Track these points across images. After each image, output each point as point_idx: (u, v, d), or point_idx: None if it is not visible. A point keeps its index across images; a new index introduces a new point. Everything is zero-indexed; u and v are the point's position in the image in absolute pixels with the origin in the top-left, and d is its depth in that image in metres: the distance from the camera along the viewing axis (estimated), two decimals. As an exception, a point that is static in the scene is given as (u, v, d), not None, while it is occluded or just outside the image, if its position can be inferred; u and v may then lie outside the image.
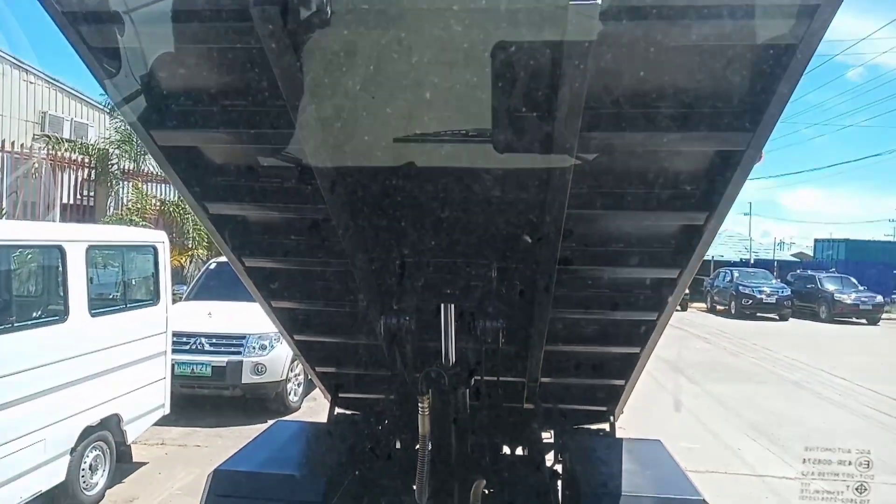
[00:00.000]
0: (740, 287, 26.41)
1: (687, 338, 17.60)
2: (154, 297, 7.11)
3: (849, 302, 25.53)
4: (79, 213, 14.96)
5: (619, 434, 4.42)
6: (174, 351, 7.41)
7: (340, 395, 4.58)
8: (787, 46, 2.25)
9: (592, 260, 3.34)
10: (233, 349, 8.28)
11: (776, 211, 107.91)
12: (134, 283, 7.35)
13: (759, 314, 25.51)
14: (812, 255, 39.79)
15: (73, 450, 5.60)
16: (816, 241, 40.26)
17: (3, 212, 12.56)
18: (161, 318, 7.06)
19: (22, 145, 14.07)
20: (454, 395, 3.51)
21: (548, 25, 2.24)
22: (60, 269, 5.79)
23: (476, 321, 3.45)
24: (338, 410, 4.61)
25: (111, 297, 7.03)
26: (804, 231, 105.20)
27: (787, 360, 14.78)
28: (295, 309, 4.00)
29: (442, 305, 3.41)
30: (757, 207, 59.25)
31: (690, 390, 11.10)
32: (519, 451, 4.44)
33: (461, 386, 3.54)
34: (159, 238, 7.44)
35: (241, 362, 8.21)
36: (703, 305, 28.73)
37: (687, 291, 18.88)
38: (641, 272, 3.45)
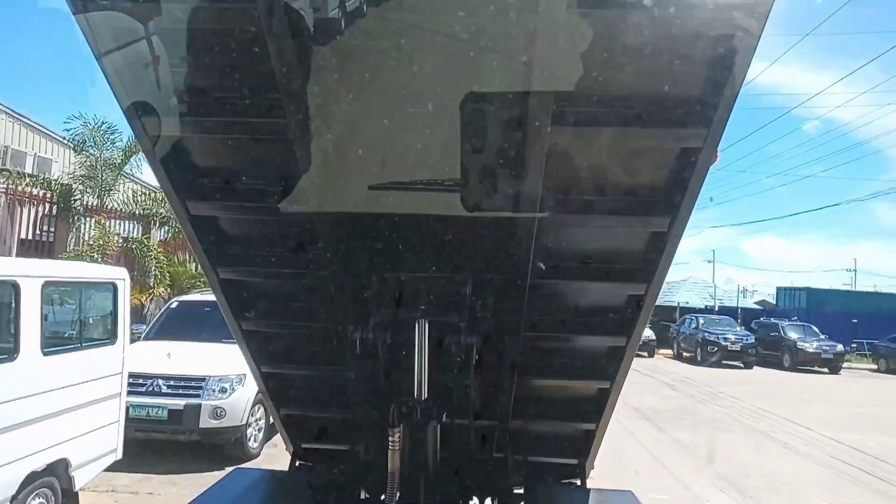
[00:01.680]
0: (706, 334, 26.69)
1: (655, 385, 17.62)
2: (111, 336, 6.83)
3: (811, 350, 25.94)
4: (37, 249, 14.52)
5: (589, 483, 4.31)
6: (130, 392, 7.09)
7: (303, 445, 4.41)
8: (729, 38, 2.32)
9: (561, 274, 3.31)
10: (191, 392, 7.97)
11: (739, 258, 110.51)
12: (91, 321, 7.07)
13: (724, 361, 25.69)
14: (775, 303, 40.55)
15: (14, 497, 5.25)
16: (779, 289, 41.15)
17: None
18: (118, 357, 6.77)
19: (-20, 178, 13.72)
20: (427, 429, 3.41)
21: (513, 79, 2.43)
22: (13, 305, 5.53)
23: (450, 336, 3.40)
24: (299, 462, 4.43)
25: (66, 335, 6.74)
26: (766, 279, 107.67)
27: (753, 409, 14.84)
28: (265, 332, 3.88)
29: (417, 322, 3.32)
30: (720, 255, 60.66)
31: (659, 439, 11.04)
32: (488, 502, 4.30)
33: (434, 420, 3.44)
34: (119, 275, 7.21)
35: (200, 406, 7.89)
36: (669, 352, 28.90)
37: (654, 338, 19.10)
38: (610, 288, 3.44)
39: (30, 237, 14.57)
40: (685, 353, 27.88)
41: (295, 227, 3.21)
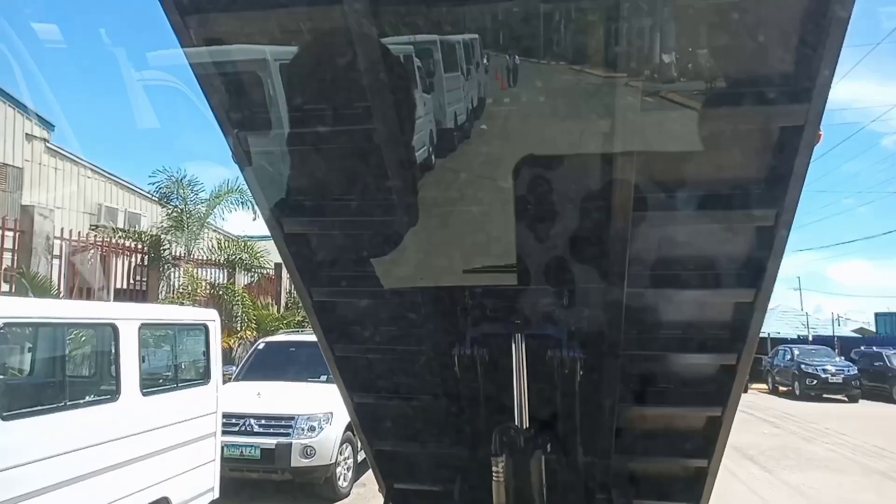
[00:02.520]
0: (803, 366, 25.06)
1: (752, 421, 16.55)
2: (205, 377, 6.94)
3: (923, 381, 23.94)
4: (132, 297, 15.19)
5: None
6: (224, 432, 7.17)
7: (396, 485, 4.27)
8: (794, 128, 2.42)
9: (660, 281, 3.17)
10: (282, 431, 7.99)
11: (826, 285, 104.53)
12: (185, 361, 7.22)
13: (825, 395, 23.98)
14: (874, 330, 37.88)
15: (118, 536, 5.31)
16: (877, 314, 38.44)
17: (60, 296, 12.83)
18: (212, 397, 6.86)
19: (79, 233, 14.51)
20: (531, 457, 3.23)
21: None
22: (113, 347, 5.69)
23: (551, 351, 3.23)
24: None
25: (163, 375, 6.89)
26: (858, 305, 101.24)
27: (867, 447, 13.67)
28: (358, 358, 3.81)
29: (514, 337, 3.22)
30: (806, 282, 57.48)
31: (766, 480, 10.26)
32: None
33: (539, 449, 3.26)
34: (210, 316, 7.36)
35: (291, 444, 7.89)
36: (764, 386, 27.29)
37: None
38: (717, 295, 3.26)
39: (125, 286, 15.28)
40: (781, 387, 26.23)
41: (387, 246, 3.16)
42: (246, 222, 18.96)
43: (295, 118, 2.77)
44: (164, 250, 16.26)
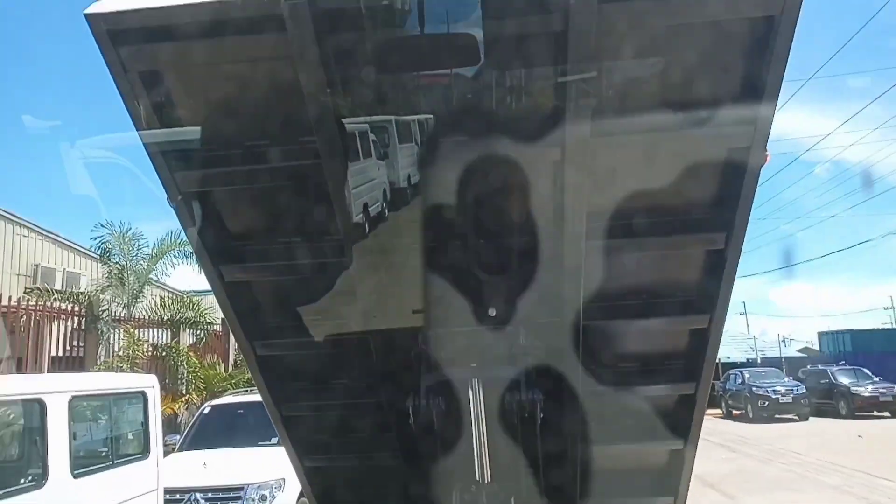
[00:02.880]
0: (754, 388, 25.57)
1: (709, 448, 16.66)
2: (144, 450, 6.56)
3: (867, 395, 24.63)
4: (69, 364, 14.45)
5: None
6: (166, 509, 6.76)
7: None
8: (741, 150, 2.47)
9: (616, 312, 3.14)
10: (230, 503, 7.57)
11: (769, 308, 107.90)
12: (122, 435, 6.82)
13: (777, 416, 24.47)
14: (818, 349, 39.08)
15: None
16: (820, 334, 39.71)
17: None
18: (152, 473, 6.48)
19: (10, 298, 13.78)
20: None
21: None
22: (40, 424, 5.31)
23: (509, 395, 3.16)
24: None
25: (96, 452, 6.47)
26: (800, 326, 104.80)
27: (820, 464, 13.91)
28: (307, 417, 3.62)
29: (471, 382, 3.12)
30: (751, 306, 59.29)
31: (728, 506, 10.28)
32: None
33: (500, 501, 3.13)
34: (148, 383, 7.01)
35: (240, 517, 7.47)
36: (718, 411, 27.64)
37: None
38: (671, 324, 3.24)
39: (60, 354, 14.52)
40: (735, 411, 26.65)
41: (334, 292, 3.04)
42: (191, 277, 18.39)
43: (235, 157, 2.67)
44: (104, 312, 15.59)
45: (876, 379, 25.57)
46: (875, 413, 24.28)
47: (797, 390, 25.24)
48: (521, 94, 2.56)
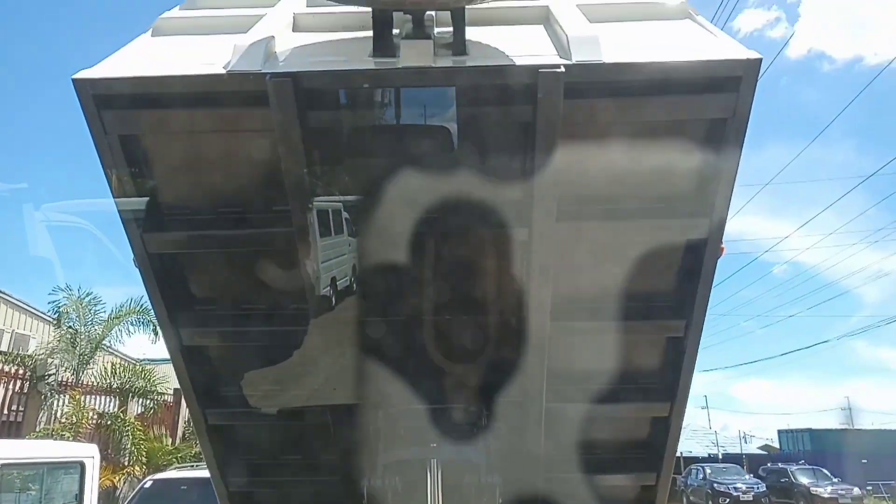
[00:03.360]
0: (715, 485, 25.30)
1: (670, 545, 16.26)
2: (75, 525, 6.15)
3: (826, 496, 24.49)
4: (3, 430, 13.66)
5: None
6: (92, 592, 6.27)
7: None
8: (699, 241, 2.60)
9: (578, 395, 3.16)
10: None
11: (730, 403, 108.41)
12: (53, 507, 6.41)
13: (738, 514, 24.11)
14: (778, 446, 39.05)
15: None
16: (780, 431, 39.84)
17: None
18: (81, 549, 6.05)
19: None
20: None
21: None
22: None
23: (467, 476, 3.12)
24: None
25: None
26: (760, 422, 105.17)
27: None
28: (255, 494, 3.48)
29: (429, 463, 3.05)
30: (712, 400, 59.57)
31: None
32: None
33: None
34: (88, 453, 6.66)
35: None
36: (679, 507, 27.19)
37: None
38: (633, 410, 3.29)
39: (-3, 418, 13.76)
40: (696, 507, 26.21)
41: (295, 363, 2.99)
42: (146, 346, 17.84)
43: (206, 222, 2.69)
44: (49, 375, 14.91)
45: (835, 480, 25.56)
46: (834, 515, 24.10)
47: (758, 488, 25.04)
48: (490, 179, 2.62)
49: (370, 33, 2.41)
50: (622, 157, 2.53)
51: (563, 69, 2.20)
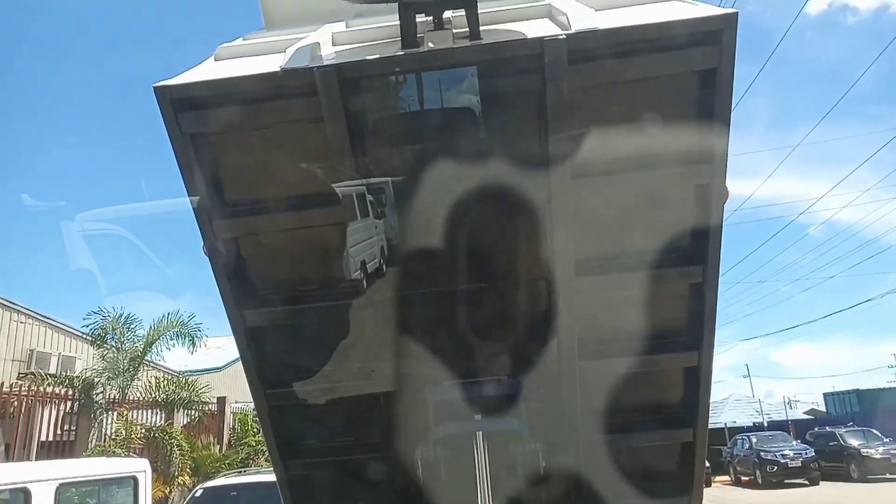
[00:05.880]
0: (762, 453, 25.00)
1: (719, 517, 16.19)
2: (132, 537, 6.40)
3: (878, 457, 24.05)
4: (57, 450, 14.15)
5: None
6: None
7: None
8: (704, 186, 2.80)
9: (606, 352, 3.28)
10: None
11: (772, 370, 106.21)
12: (110, 521, 6.66)
13: (786, 481, 23.81)
14: (824, 410, 38.40)
15: None
16: (826, 395, 39.12)
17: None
18: (139, 559, 6.29)
19: (1, 384, 13.63)
20: None
21: None
22: (26, 514, 5.21)
23: (512, 445, 3.25)
24: None
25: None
26: (805, 387, 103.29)
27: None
28: (313, 477, 3.66)
29: (475, 435, 3.21)
30: (754, 369, 58.74)
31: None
32: None
33: None
34: (140, 467, 6.90)
35: None
36: (726, 478, 26.98)
37: (707, 465, 17.99)
38: (661, 360, 3.38)
39: (51, 438, 14.24)
40: (743, 477, 26.01)
41: (349, 344, 3.26)
42: (186, 357, 18.21)
43: (264, 207, 3.01)
44: (97, 394, 15.39)
45: (886, 440, 25.06)
46: (888, 476, 23.67)
47: (806, 454, 24.68)
48: (510, 148, 2.89)
49: (398, 40, 2.74)
50: (624, 114, 2.78)
51: (565, 37, 2.51)
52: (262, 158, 2.98)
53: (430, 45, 2.71)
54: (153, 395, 15.97)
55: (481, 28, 2.70)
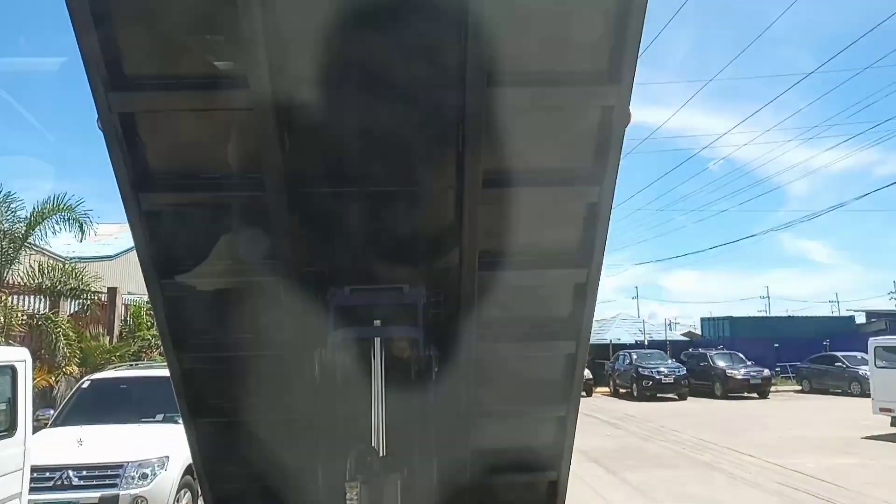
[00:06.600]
0: (640, 369, 27.05)
1: (596, 424, 17.54)
2: (9, 428, 6.09)
3: (740, 377, 26.68)
4: (-73, 333, 13.19)
5: None
6: (33, 489, 6.32)
7: None
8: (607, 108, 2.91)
9: (505, 264, 3.35)
10: (107, 481, 7.12)
11: (659, 293, 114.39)
12: (-16, 411, 6.30)
13: (658, 395, 26.07)
14: (700, 333, 41.81)
15: None
16: (703, 319, 42.58)
17: None
18: (17, 451, 6.02)
19: None
20: (387, 483, 3.16)
21: None
22: None
23: (408, 351, 3.32)
24: None
25: (-47, 431, 5.96)
26: (687, 311, 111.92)
27: (694, 441, 14.94)
28: (206, 371, 3.62)
29: (373, 341, 3.27)
30: (642, 291, 62.79)
31: (610, 481, 10.83)
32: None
33: (395, 470, 3.19)
34: (19, 356, 6.49)
35: (118, 496, 7.06)
36: (606, 390, 29.14)
37: (591, 377, 19.33)
38: (554, 277, 3.50)
39: (-82, 321, 13.21)
40: (622, 390, 28.15)
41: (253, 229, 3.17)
42: (75, 244, 17.10)
43: (167, 83, 2.82)
44: (-30, 276, 14.29)
45: (748, 363, 27.73)
46: (745, 394, 26.37)
47: (678, 372, 26.96)
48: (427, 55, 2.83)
49: None
50: (538, 27, 2.78)
51: None
52: (167, 30, 2.74)
53: None
54: (36, 281, 15.03)
55: None
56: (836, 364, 27.51)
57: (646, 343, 35.66)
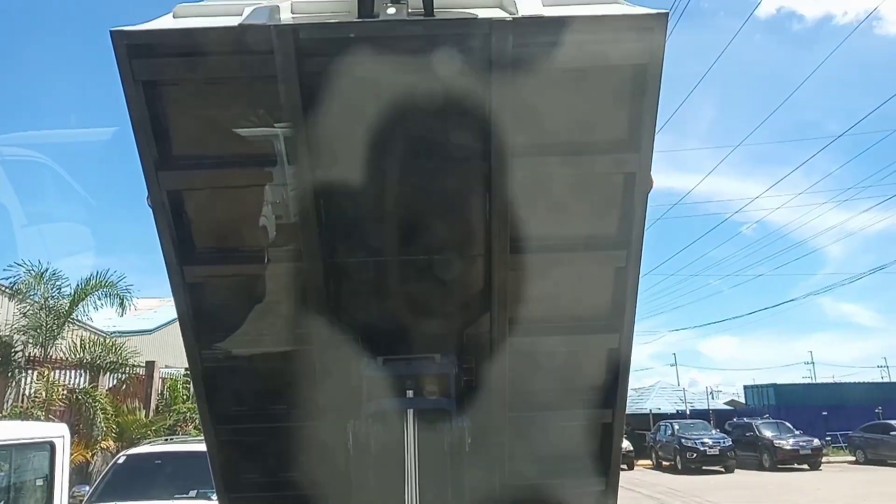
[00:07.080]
0: (683, 440, 26.04)
1: (639, 499, 16.81)
2: (46, 504, 6.11)
3: (788, 448, 25.46)
4: (-28, 409, 13.44)
5: None
6: (66, 569, 6.27)
7: None
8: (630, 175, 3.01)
9: (533, 330, 3.37)
10: (139, 561, 7.05)
11: (698, 360, 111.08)
12: (22, 488, 6.34)
13: (704, 467, 24.93)
14: (743, 401, 40.30)
15: None
16: (746, 387, 41.08)
17: None
18: (53, 529, 6.02)
19: None
20: None
21: None
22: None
23: (440, 423, 3.30)
24: None
25: (-8, 509, 6.00)
26: (728, 377, 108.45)
27: (744, 517, 14.19)
28: (241, 443, 3.64)
29: (406, 412, 3.27)
30: (681, 358, 61.26)
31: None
32: None
33: None
34: (58, 432, 6.56)
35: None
36: (648, 462, 28.03)
37: (631, 449, 18.78)
38: (584, 341, 3.50)
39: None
40: (664, 462, 27.06)
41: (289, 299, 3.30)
42: (115, 318, 17.46)
43: (212, 162, 3.04)
44: (16, 353, 14.62)
45: (797, 432, 26.49)
46: (795, 466, 25.08)
47: (724, 442, 25.85)
48: (455, 121, 2.99)
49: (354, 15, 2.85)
50: (562, 101, 2.94)
51: (511, 20, 2.70)
52: (214, 113, 2.98)
53: (388, 11, 2.82)
54: (78, 356, 15.30)
55: (435, 10, 2.82)
56: (892, 433, 26.11)
57: (688, 413, 34.46)
